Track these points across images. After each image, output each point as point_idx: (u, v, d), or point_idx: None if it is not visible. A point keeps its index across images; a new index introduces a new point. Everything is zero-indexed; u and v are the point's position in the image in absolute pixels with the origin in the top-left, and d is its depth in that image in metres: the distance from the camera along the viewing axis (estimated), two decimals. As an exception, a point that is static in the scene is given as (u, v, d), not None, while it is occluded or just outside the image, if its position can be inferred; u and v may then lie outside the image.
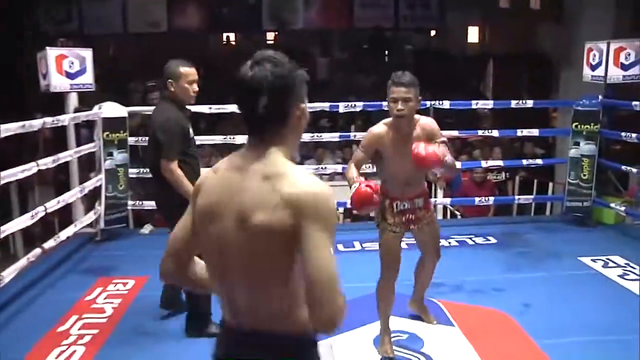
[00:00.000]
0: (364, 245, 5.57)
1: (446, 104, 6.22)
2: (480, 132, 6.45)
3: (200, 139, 6.08)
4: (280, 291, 1.48)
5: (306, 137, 6.40)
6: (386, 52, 13.21)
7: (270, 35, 13.59)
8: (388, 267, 3.41)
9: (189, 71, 3.59)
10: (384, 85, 3.26)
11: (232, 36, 13.81)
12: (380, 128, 3.29)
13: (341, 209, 7.29)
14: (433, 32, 13.73)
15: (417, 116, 3.27)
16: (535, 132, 6.52)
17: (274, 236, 1.42)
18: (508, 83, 12.06)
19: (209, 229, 1.52)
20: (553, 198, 7.55)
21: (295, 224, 1.41)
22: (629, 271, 4.90)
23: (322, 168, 6.46)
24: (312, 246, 1.40)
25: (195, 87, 3.61)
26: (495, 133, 6.57)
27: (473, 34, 14.28)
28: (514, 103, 6.29)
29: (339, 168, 6.55)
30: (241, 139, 6.10)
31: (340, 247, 5.51)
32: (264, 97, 1.46)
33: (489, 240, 5.81)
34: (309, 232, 1.41)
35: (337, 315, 1.41)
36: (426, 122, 3.30)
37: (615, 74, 5.99)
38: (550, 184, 7.95)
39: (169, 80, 3.56)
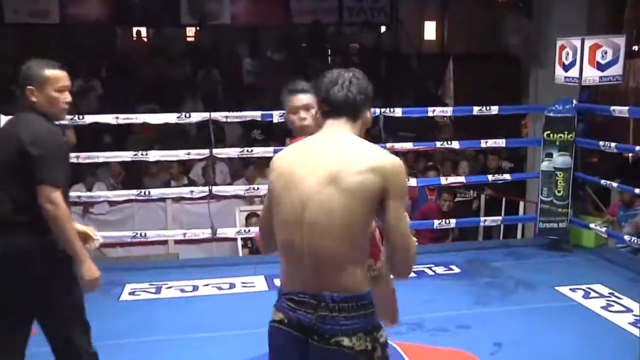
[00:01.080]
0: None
1: (398, 112, 6.27)
2: (438, 144, 6.52)
3: (105, 156, 5.96)
4: (353, 246, 2.08)
5: (234, 152, 6.34)
6: (329, 51, 13.30)
7: (190, 31, 13.46)
8: None
9: (57, 75, 3.07)
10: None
11: (143, 31, 13.62)
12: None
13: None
14: (383, 28, 13.92)
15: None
16: (501, 142, 6.67)
17: (359, 193, 2.04)
18: (471, 87, 12.31)
19: (291, 193, 2.11)
20: (524, 219, 7.69)
21: (381, 187, 2.05)
22: (614, 301, 5.01)
23: (253, 189, 6.31)
24: (394, 210, 2.07)
25: (67, 96, 3.09)
26: (455, 144, 6.68)
27: (430, 30, 14.56)
28: (476, 110, 6.40)
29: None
30: (155, 154, 5.98)
31: (277, 281, 5.48)
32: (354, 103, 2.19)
33: (452, 269, 5.85)
34: (392, 197, 2.06)
35: (413, 263, 2.18)
36: None
37: (591, 75, 6.17)
38: (522, 203, 8.11)
39: (29, 87, 3.02)
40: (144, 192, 5.95)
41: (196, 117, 5.98)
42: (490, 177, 6.70)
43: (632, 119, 8.74)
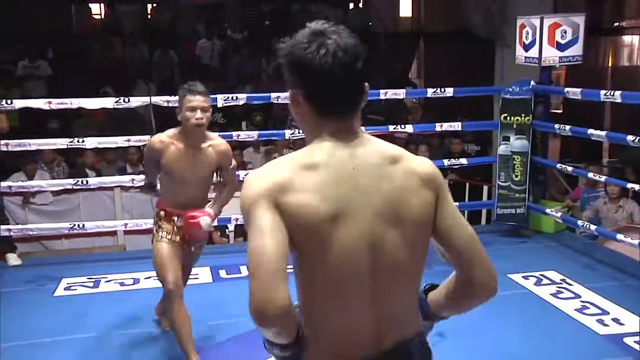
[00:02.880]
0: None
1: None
2: (391, 128, 6.59)
3: (37, 143, 5.91)
4: (417, 285, 1.77)
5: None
6: (292, 30, 13.29)
7: (146, 10, 13.42)
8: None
9: None
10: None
11: (95, 7, 13.53)
12: (163, 137, 3.88)
13: (231, 226, 7.29)
14: (351, 5, 13.96)
15: (207, 132, 3.93)
16: (457, 125, 6.77)
17: (426, 219, 1.69)
18: (443, 67, 12.39)
19: (337, 234, 1.60)
20: (483, 204, 7.76)
21: (435, 201, 1.71)
22: (564, 288, 5.15)
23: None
24: (453, 215, 1.73)
25: None
26: (409, 128, 6.75)
27: (404, 7, 14.58)
28: (430, 92, 6.48)
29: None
30: (93, 141, 5.97)
31: (223, 273, 5.62)
32: (359, 63, 1.64)
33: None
34: (446, 204, 1.73)
35: (493, 271, 1.76)
36: (220, 144, 3.95)
37: (551, 55, 6.26)
38: (485, 188, 8.21)
39: None
40: (82, 182, 5.94)
41: (136, 101, 5.99)
42: (446, 162, 6.76)
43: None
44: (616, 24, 12.52)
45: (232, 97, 6.00)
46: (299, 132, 6.08)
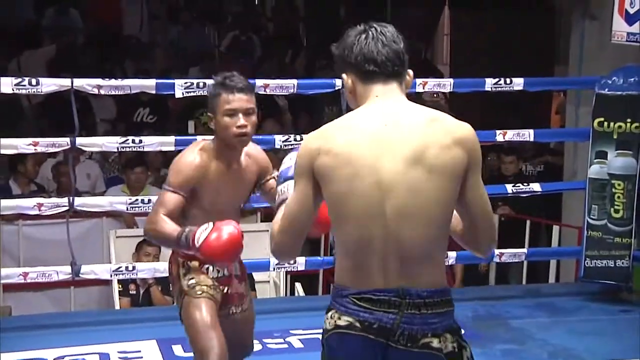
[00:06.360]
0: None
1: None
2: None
3: None
4: (442, 234, 2.66)
5: (111, 142, 6.27)
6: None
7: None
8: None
9: None
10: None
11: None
12: (199, 156, 3.93)
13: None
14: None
15: None
16: (527, 134, 6.74)
17: (450, 172, 2.58)
18: (476, 47, 12.39)
19: (365, 181, 2.58)
20: (562, 253, 7.76)
21: (467, 163, 2.61)
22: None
23: (142, 202, 6.26)
24: (477, 186, 2.67)
25: None
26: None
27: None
28: (489, 83, 6.49)
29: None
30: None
31: (178, 350, 5.58)
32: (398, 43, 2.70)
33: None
34: (475, 173, 2.65)
35: (494, 243, 2.91)
36: (259, 152, 4.15)
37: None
38: (555, 228, 8.18)
39: None
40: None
41: (48, 85, 5.90)
42: (509, 188, 6.76)
43: None
44: None
45: (196, 84, 5.97)
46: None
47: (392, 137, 2.58)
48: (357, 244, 2.62)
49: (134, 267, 6.26)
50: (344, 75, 2.73)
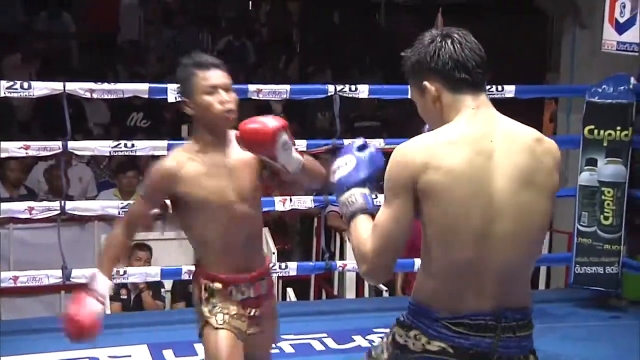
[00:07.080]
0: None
1: (363, 90, 6.42)
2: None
3: None
4: (537, 256, 2.69)
5: (104, 147, 6.30)
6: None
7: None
8: None
9: None
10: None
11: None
12: (171, 160, 3.65)
13: (168, 285, 7.22)
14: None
15: None
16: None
17: (552, 195, 2.56)
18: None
19: (478, 200, 2.47)
20: (552, 259, 7.77)
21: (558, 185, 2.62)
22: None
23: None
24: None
25: None
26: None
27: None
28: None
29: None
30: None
31: (169, 355, 5.59)
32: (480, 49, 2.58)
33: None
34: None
35: None
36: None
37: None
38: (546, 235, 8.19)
39: None
40: None
41: (40, 88, 5.90)
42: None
43: None
44: None
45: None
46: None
47: (501, 155, 2.49)
48: (455, 265, 2.51)
49: (125, 272, 6.25)
50: (425, 83, 2.55)
